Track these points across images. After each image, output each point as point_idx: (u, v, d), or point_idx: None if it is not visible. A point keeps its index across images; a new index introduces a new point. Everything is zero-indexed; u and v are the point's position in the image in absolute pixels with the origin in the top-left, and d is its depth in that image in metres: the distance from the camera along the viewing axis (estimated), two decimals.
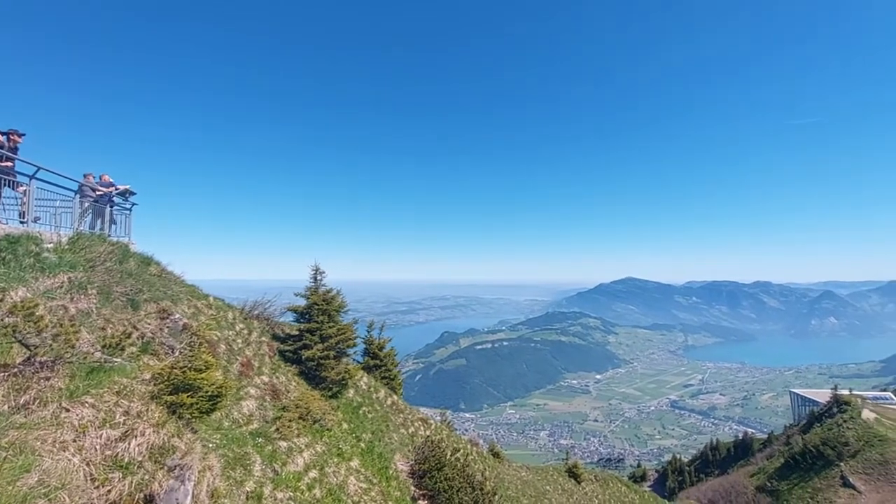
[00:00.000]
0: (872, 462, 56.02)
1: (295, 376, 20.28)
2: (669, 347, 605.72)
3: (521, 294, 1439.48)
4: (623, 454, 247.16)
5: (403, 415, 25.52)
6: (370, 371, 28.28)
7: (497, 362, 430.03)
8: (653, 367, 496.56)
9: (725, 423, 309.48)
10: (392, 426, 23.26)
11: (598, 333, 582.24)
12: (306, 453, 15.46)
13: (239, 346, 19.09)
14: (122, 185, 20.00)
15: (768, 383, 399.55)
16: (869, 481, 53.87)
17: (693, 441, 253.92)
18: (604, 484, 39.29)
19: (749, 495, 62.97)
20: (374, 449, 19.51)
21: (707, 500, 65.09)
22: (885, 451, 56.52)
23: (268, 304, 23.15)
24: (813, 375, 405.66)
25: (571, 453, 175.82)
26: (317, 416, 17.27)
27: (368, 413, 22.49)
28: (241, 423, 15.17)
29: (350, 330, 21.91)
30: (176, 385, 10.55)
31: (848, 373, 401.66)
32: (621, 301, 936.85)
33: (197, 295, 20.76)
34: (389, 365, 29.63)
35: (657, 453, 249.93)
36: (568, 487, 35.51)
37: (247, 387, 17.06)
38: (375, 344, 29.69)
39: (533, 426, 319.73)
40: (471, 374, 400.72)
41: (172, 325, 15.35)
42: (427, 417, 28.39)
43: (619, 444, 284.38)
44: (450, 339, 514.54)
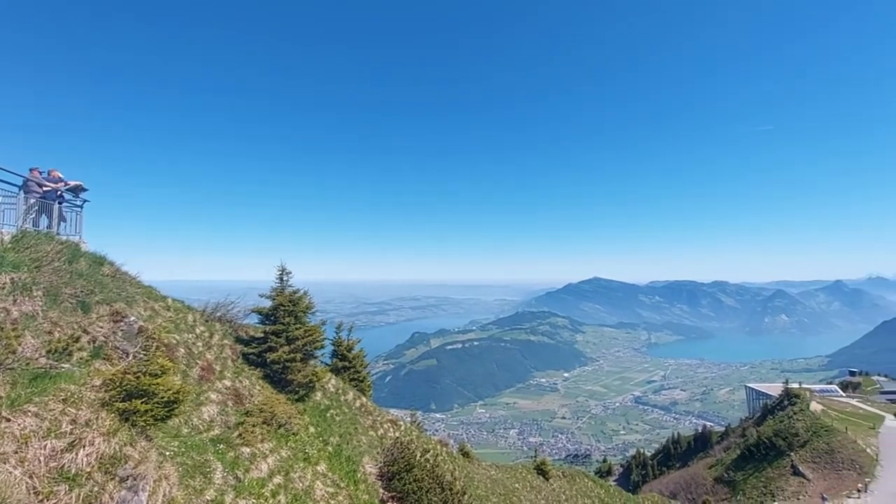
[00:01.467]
0: (820, 451, 59.46)
1: (259, 380, 19.71)
2: (634, 345, 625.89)
3: (491, 294, 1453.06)
4: (590, 450, 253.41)
5: (372, 417, 25.23)
6: (338, 373, 27.82)
7: (468, 362, 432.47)
8: (618, 365, 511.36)
9: (686, 417, 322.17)
10: (361, 428, 22.95)
11: (567, 332, 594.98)
12: (271, 459, 15.05)
13: (199, 350, 18.39)
14: (73, 181, 18.85)
15: (725, 378, 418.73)
16: (816, 469, 57.14)
17: (656, 435, 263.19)
18: (571, 480, 40.06)
19: (708, 486, 65.71)
20: (341, 452, 19.19)
21: (669, 493, 67.47)
22: (831, 441, 60.11)
23: (231, 305, 22.41)
24: (766, 370, 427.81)
25: (540, 451, 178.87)
26: (282, 420, 16.83)
27: (336, 416, 22.12)
28: (202, 430, 14.61)
29: (317, 331, 21.46)
30: (129, 391, 10.04)
31: (798, 367, 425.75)
32: (588, 300, 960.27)
33: (154, 296, 19.87)
34: (358, 366, 29.24)
35: (622, 448, 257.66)
36: (536, 484, 36.03)
37: (207, 392, 16.45)
38: (344, 345, 29.24)
39: (503, 425, 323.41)
40: (441, 374, 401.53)
41: (127, 329, 14.62)
42: (397, 419, 28.18)
43: (585, 440, 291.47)
44: (420, 340, 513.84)
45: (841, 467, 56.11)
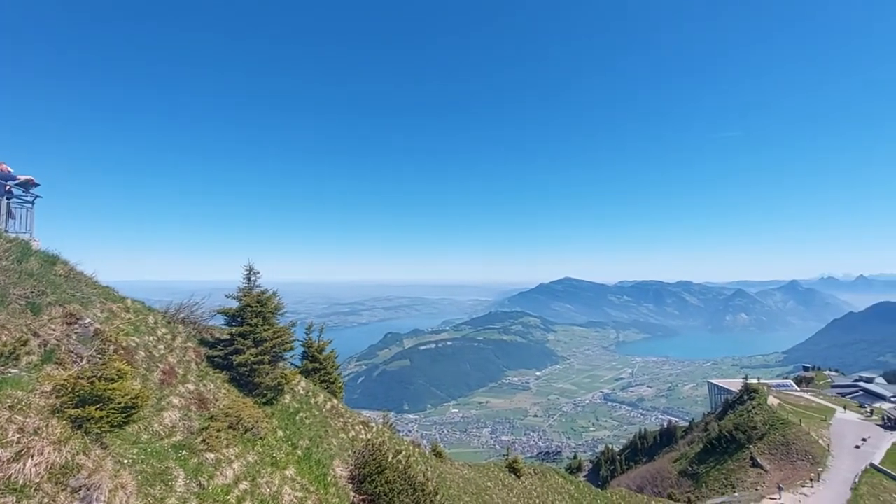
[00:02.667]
0: (776, 443, 62.30)
1: (225, 383, 19.10)
2: (603, 344, 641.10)
3: (464, 294, 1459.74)
4: (560, 447, 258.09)
5: (344, 419, 24.84)
6: (309, 375, 27.27)
7: (441, 362, 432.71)
8: (588, 363, 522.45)
9: (652, 413, 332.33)
10: (331, 431, 22.57)
11: (538, 332, 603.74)
12: (236, 464, 14.59)
13: (161, 353, 17.67)
14: (23, 176, 17.77)
15: (689, 375, 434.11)
16: (773, 461, 59.83)
17: (624, 431, 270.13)
18: (542, 477, 40.61)
19: (673, 479, 67.85)
20: (311, 456, 18.82)
21: (636, 487, 69.30)
22: (787, 434, 63.09)
23: (195, 306, 21.61)
24: (727, 366, 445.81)
25: (512, 449, 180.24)
26: (249, 424, 16.36)
27: (306, 419, 21.67)
28: (163, 436, 14.03)
29: (287, 333, 20.96)
30: (82, 397, 9.53)
31: (756, 363, 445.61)
32: (560, 300, 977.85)
33: (112, 297, 18.98)
34: (329, 368, 28.72)
35: (591, 444, 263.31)
36: (508, 482, 36.34)
37: (169, 396, 15.82)
38: (315, 347, 28.65)
39: (476, 424, 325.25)
40: (415, 374, 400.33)
41: (82, 331, 13.90)
42: (368, 420, 27.85)
43: (556, 437, 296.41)
44: (393, 340, 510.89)
45: (796, 458, 58.96)
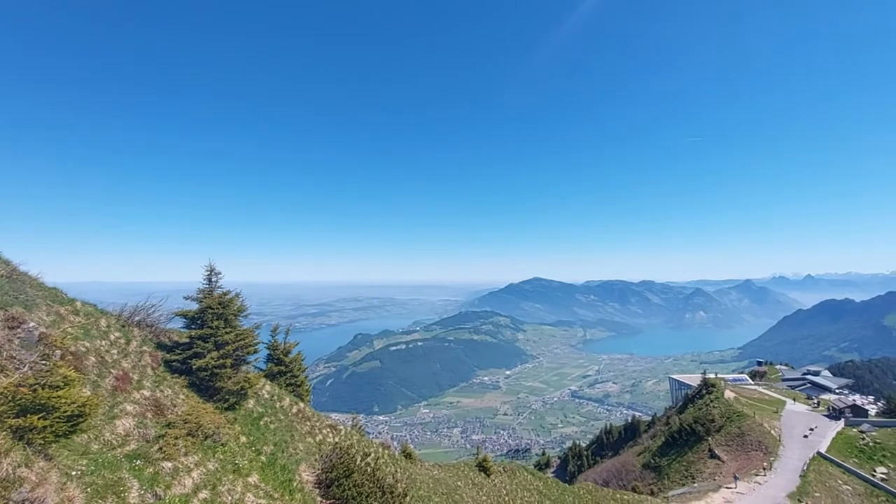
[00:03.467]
0: (732, 435, 65.17)
1: (184, 388, 18.33)
2: (571, 342, 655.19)
3: (435, 294, 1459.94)
4: (530, 444, 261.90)
5: (311, 423, 24.30)
6: (274, 378, 26.56)
7: (411, 363, 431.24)
8: (556, 361, 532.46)
9: (617, 408, 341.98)
10: (298, 435, 22.03)
11: (508, 331, 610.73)
12: (195, 473, 14.00)
13: (114, 358, 16.79)
14: None
15: (652, 371, 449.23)
16: (730, 451, 62.55)
17: (591, 427, 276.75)
18: (511, 474, 41.02)
19: (637, 472, 69.93)
20: (276, 461, 18.29)
21: (602, 480, 71.04)
22: (742, 425, 66.11)
23: (152, 308, 20.67)
24: (687, 362, 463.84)
25: (482, 447, 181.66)
26: (209, 430, 15.74)
27: (271, 423, 21.07)
28: (115, 445, 13.32)
29: (251, 335, 20.32)
30: (24, 406, 8.90)
31: (714, 359, 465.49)
32: (529, 300, 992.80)
33: (60, 299, 17.92)
34: (296, 371, 28.05)
35: (560, 440, 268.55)
36: (478, 481, 36.50)
37: (122, 403, 15.03)
38: (280, 349, 27.93)
39: (446, 424, 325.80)
40: (385, 375, 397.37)
41: (25, 336, 13.04)
42: (337, 424, 27.35)
43: (526, 434, 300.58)
44: (363, 341, 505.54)
45: (750, 448, 61.88)
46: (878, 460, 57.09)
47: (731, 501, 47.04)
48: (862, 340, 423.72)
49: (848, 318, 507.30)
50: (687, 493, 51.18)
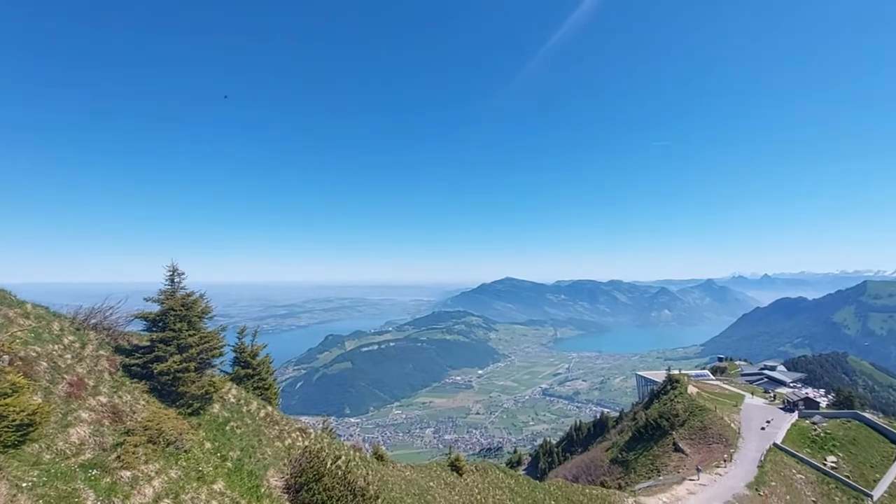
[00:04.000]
0: (695, 429, 67.57)
1: (145, 394, 17.58)
2: (542, 341, 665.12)
3: (407, 294, 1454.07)
4: (502, 442, 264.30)
5: (279, 426, 23.74)
6: (241, 382, 25.80)
7: (383, 363, 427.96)
8: (528, 360, 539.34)
9: (587, 405, 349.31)
10: (266, 440, 21.48)
11: (481, 331, 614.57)
12: (157, 481, 13.45)
13: (67, 363, 15.94)
14: None
15: (620, 368, 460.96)
16: (693, 444, 64.82)
17: (561, 424, 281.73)
18: (484, 473, 41.27)
19: (605, 467, 71.56)
20: (242, 467, 17.79)
21: (572, 476, 72.40)
22: (704, 419, 68.61)
23: (110, 311, 19.72)
24: (653, 359, 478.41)
25: (455, 447, 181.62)
26: (171, 437, 15.14)
27: (237, 428, 20.46)
28: (69, 455, 12.65)
29: (216, 338, 19.66)
30: None
31: (677, 355, 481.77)
32: (501, 300, 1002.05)
33: (8, 302, 16.89)
34: (264, 373, 27.34)
35: (531, 438, 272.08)
36: (450, 481, 36.54)
37: (77, 410, 14.29)
38: (247, 352, 27.15)
39: (419, 424, 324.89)
40: (357, 377, 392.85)
41: None
42: (306, 427, 26.80)
43: (498, 433, 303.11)
44: (334, 343, 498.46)
45: (712, 441, 64.33)
46: (828, 450, 60.37)
47: (694, 493, 48.74)
48: (814, 336, 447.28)
49: (801, 315, 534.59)
50: (653, 486, 52.73)
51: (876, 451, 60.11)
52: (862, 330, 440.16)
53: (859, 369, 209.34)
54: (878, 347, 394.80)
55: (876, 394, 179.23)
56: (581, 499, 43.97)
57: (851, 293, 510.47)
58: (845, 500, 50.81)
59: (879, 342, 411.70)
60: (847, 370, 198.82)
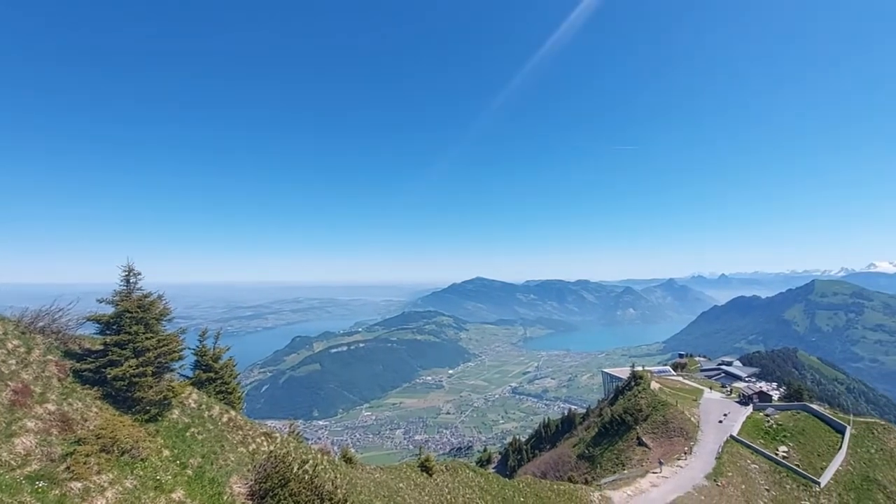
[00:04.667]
0: (657, 423, 69.84)
1: (97, 400, 16.70)
2: (511, 340, 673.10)
3: (378, 295, 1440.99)
4: (472, 441, 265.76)
5: (243, 431, 23.01)
6: (202, 386, 24.88)
7: (353, 365, 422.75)
8: (498, 359, 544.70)
9: (555, 402, 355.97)
10: (229, 446, 20.77)
11: (451, 330, 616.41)
12: (110, 492, 12.80)
13: (11, 369, 14.96)
14: None
15: (587, 365, 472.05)
16: (655, 438, 66.98)
17: (530, 422, 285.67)
18: (454, 473, 41.29)
19: (572, 463, 73.03)
20: (204, 475, 17.14)
21: (540, 473, 73.49)
22: (666, 414, 71.02)
23: (59, 313, 18.64)
24: (618, 356, 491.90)
25: (425, 447, 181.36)
26: (126, 445, 14.43)
27: (198, 434, 19.71)
28: (14, 466, 11.90)
29: (175, 340, 18.88)
30: None
31: (641, 352, 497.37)
32: (472, 299, 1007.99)
33: None
34: (227, 377, 26.44)
35: (501, 436, 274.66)
36: (420, 481, 36.39)
37: (22, 419, 13.43)
38: (209, 354, 26.19)
39: (389, 426, 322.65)
40: (325, 378, 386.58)
41: None
42: (272, 431, 26.10)
43: (468, 432, 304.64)
44: (302, 344, 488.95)
45: (673, 435, 66.67)
46: (780, 440, 63.61)
47: (657, 485, 50.40)
48: (766, 333, 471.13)
49: (755, 313, 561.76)
50: (618, 480, 54.17)
51: (823, 440, 63.77)
52: (810, 326, 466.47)
53: (808, 364, 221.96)
54: (824, 343, 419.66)
55: (822, 387, 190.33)
56: (549, 494, 44.69)
57: (801, 292, 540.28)
58: (795, 488, 53.67)
59: (825, 338, 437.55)
60: (797, 365, 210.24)
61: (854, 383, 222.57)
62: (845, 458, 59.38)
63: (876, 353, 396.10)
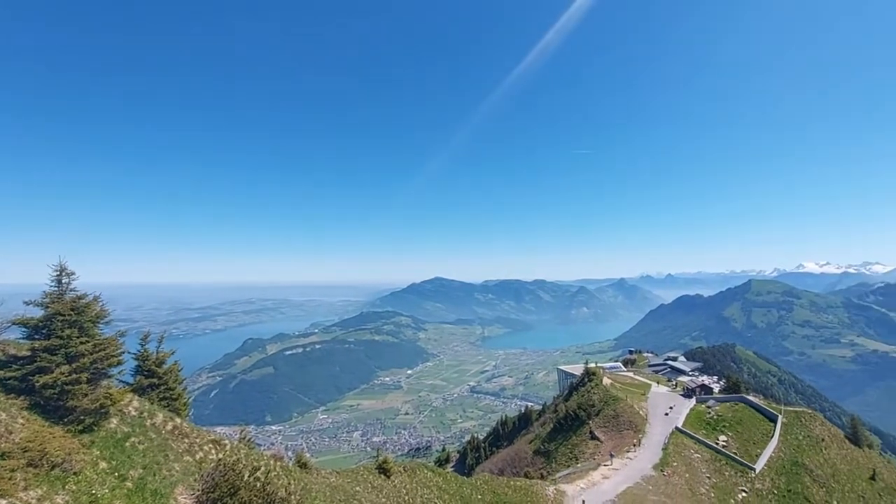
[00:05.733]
0: (609, 417, 72.53)
1: (24, 411, 15.33)
2: (470, 339, 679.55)
3: (335, 295, 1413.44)
4: (430, 441, 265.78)
5: (189, 439, 21.83)
6: (144, 393, 23.41)
7: (308, 367, 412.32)
8: (456, 359, 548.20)
9: (513, 400, 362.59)
10: (174, 455, 19.66)
11: (410, 331, 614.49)
12: None
13: None
14: None
15: (543, 363, 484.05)
16: (607, 432, 69.54)
17: (488, 420, 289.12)
18: (412, 474, 41.08)
19: (528, 459, 74.58)
20: (146, 486, 16.13)
21: (498, 470, 74.59)
22: (616, 408, 73.88)
23: None
24: (573, 353, 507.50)
25: (383, 449, 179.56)
26: (57, 458, 13.34)
27: (139, 444, 18.52)
28: None
29: (113, 344, 17.66)
30: None
31: (594, 350, 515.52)
32: (431, 299, 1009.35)
33: None
34: (171, 382, 25.01)
35: (459, 435, 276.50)
36: (378, 484, 35.94)
37: None
38: (152, 359, 24.67)
39: (346, 428, 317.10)
40: (279, 382, 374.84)
41: None
42: (221, 438, 24.90)
43: (427, 432, 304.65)
44: (255, 347, 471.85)
45: (624, 428, 69.46)
46: (720, 430, 67.70)
47: (608, 477, 52.35)
48: (708, 329, 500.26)
49: (698, 311, 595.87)
50: (571, 473, 55.79)
51: (758, 429, 68.45)
52: (746, 323, 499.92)
53: (745, 358, 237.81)
54: (759, 338, 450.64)
55: (758, 379, 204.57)
56: (506, 491, 45.39)
57: (738, 291, 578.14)
58: (733, 474, 57.31)
59: (760, 334, 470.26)
60: (735, 359, 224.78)
61: (785, 375, 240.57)
62: (777, 445, 64.02)
63: (803, 347, 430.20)
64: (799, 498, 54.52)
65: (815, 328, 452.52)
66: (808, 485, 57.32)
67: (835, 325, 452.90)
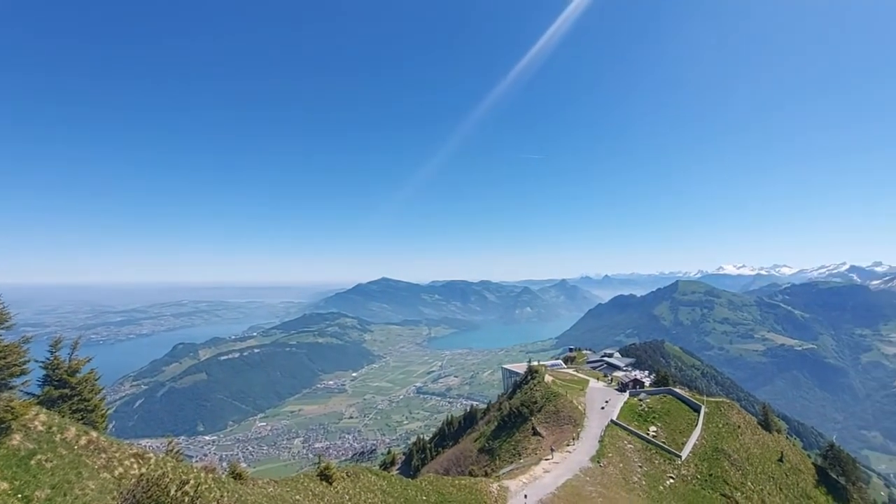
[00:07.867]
0: (550, 413, 74.95)
1: None
2: (416, 340, 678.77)
3: (276, 296, 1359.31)
4: (376, 444, 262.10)
5: (107, 454, 19.87)
6: (54, 405, 21.07)
7: (245, 372, 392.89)
8: (402, 360, 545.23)
9: (458, 399, 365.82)
10: (88, 472, 17.81)
11: (355, 332, 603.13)
12: None
13: None
14: None
15: (488, 362, 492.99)
16: (548, 427, 71.80)
17: (434, 420, 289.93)
18: (355, 478, 40.12)
19: (474, 457, 75.38)
20: None
21: (443, 469, 74.84)
22: (557, 404, 76.51)
23: None
24: (517, 352, 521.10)
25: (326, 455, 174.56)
26: None
27: (47, 462, 16.61)
28: None
29: (15, 352, 15.72)
30: None
31: (537, 348, 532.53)
32: (376, 300, 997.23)
33: None
34: (87, 393, 22.69)
35: (405, 437, 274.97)
36: (319, 491, 34.72)
37: None
38: (63, 368, 22.24)
39: (286, 435, 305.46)
40: (213, 389, 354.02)
41: None
42: (145, 451, 22.89)
43: (372, 435, 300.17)
44: (186, 352, 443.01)
45: (563, 423, 72.09)
46: (650, 421, 71.98)
47: (549, 470, 54.05)
48: (640, 327, 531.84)
49: (631, 310, 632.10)
50: (514, 469, 57.07)
51: (683, 419, 73.51)
52: (674, 321, 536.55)
53: (672, 353, 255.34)
54: (684, 335, 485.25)
55: (683, 372, 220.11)
56: (451, 490, 45.55)
57: (667, 291, 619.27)
58: (662, 462, 61.12)
59: (685, 330, 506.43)
60: (664, 354, 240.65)
61: (707, 368, 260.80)
62: (700, 433, 69.06)
63: (722, 342, 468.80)
64: (719, 481, 59.05)
65: (733, 325, 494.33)
66: (727, 468, 62.26)
67: (749, 322, 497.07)
